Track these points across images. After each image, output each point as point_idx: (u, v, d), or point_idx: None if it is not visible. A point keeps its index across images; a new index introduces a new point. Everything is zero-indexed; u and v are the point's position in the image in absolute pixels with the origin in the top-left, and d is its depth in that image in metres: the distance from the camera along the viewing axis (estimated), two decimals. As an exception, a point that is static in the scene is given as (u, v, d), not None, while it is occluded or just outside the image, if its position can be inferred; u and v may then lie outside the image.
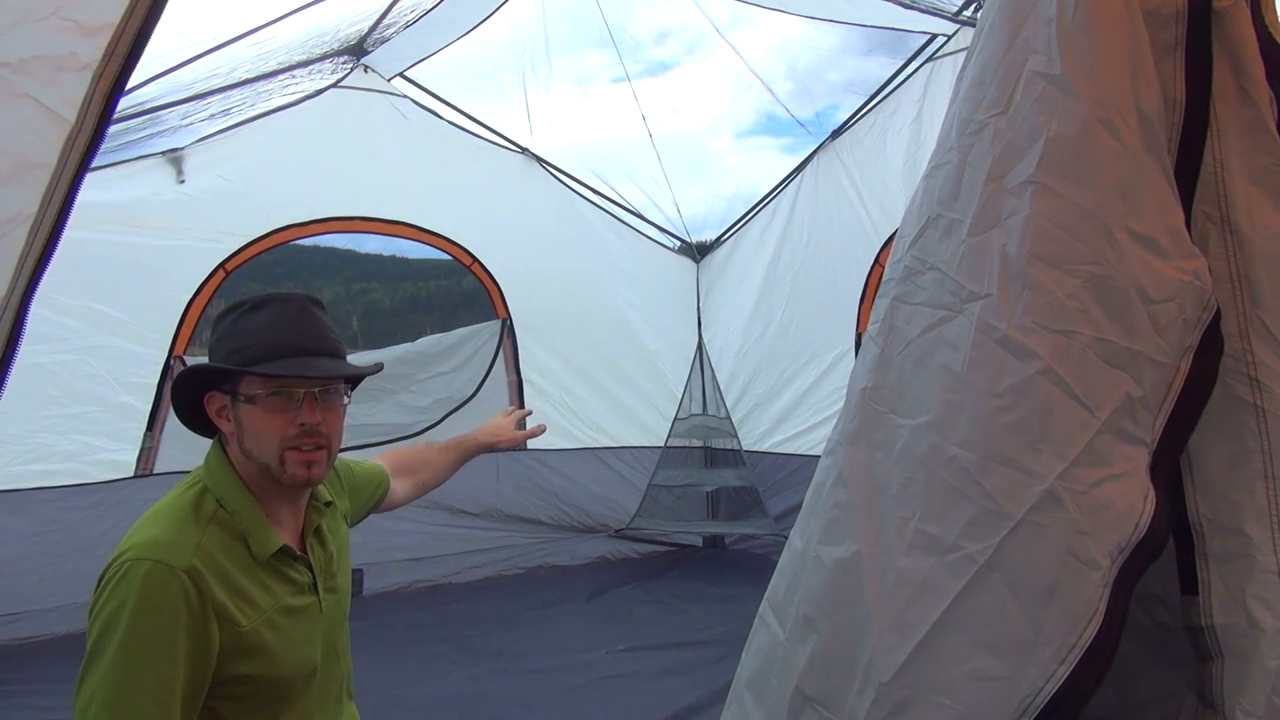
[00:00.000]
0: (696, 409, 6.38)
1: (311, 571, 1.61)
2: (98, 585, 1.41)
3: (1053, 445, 1.15)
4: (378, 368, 1.75)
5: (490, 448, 2.27)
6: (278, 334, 1.52)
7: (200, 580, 1.39)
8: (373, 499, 2.00)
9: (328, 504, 1.74)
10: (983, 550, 1.16)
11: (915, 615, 1.19)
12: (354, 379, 1.66)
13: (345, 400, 1.63)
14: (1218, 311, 1.17)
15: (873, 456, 1.31)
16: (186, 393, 1.57)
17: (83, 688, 1.35)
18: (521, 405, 5.71)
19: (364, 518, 2.00)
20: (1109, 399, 1.15)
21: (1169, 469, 1.18)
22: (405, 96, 5.29)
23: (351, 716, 1.75)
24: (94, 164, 1.28)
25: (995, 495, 1.17)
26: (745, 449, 6.15)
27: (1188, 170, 1.20)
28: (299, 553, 1.60)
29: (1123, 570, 1.12)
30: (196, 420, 1.60)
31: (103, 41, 1.20)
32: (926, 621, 1.18)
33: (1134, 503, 1.13)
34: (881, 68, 5.21)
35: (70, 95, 1.20)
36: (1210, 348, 1.17)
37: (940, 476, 1.21)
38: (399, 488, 2.08)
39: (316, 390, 1.53)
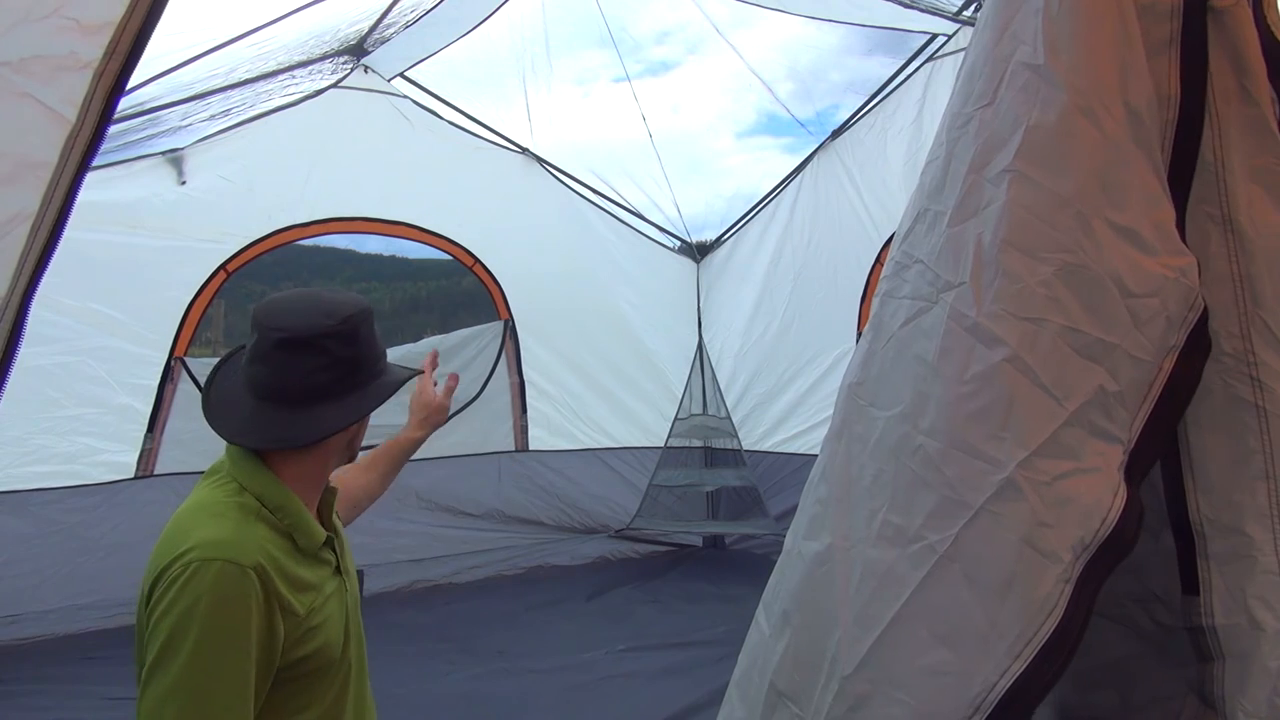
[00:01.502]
0: (697, 409, 6.38)
1: (335, 554, 1.65)
2: (157, 585, 1.39)
3: (1015, 434, 1.13)
4: None
5: (421, 437, 2.21)
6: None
7: (265, 576, 1.40)
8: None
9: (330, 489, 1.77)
10: (942, 540, 1.15)
11: (877, 608, 1.18)
12: None
13: None
14: (1204, 312, 1.15)
15: (850, 450, 1.30)
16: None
17: (152, 688, 1.34)
18: (524, 407, 5.72)
19: None
20: (1079, 390, 1.13)
21: (1146, 469, 1.17)
22: (405, 97, 5.29)
23: (373, 707, 1.76)
24: (94, 164, 1.28)
25: (956, 484, 1.15)
26: (746, 449, 6.15)
27: (1183, 167, 1.19)
28: (330, 536, 1.64)
29: (1088, 567, 1.10)
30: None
31: (103, 40, 1.20)
32: (888, 614, 1.17)
33: (1101, 498, 1.11)
34: (882, 67, 5.22)
35: (71, 94, 1.20)
36: (1196, 349, 1.15)
37: (908, 466, 1.20)
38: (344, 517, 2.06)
39: None
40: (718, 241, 6.56)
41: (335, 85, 4.97)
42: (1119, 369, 1.14)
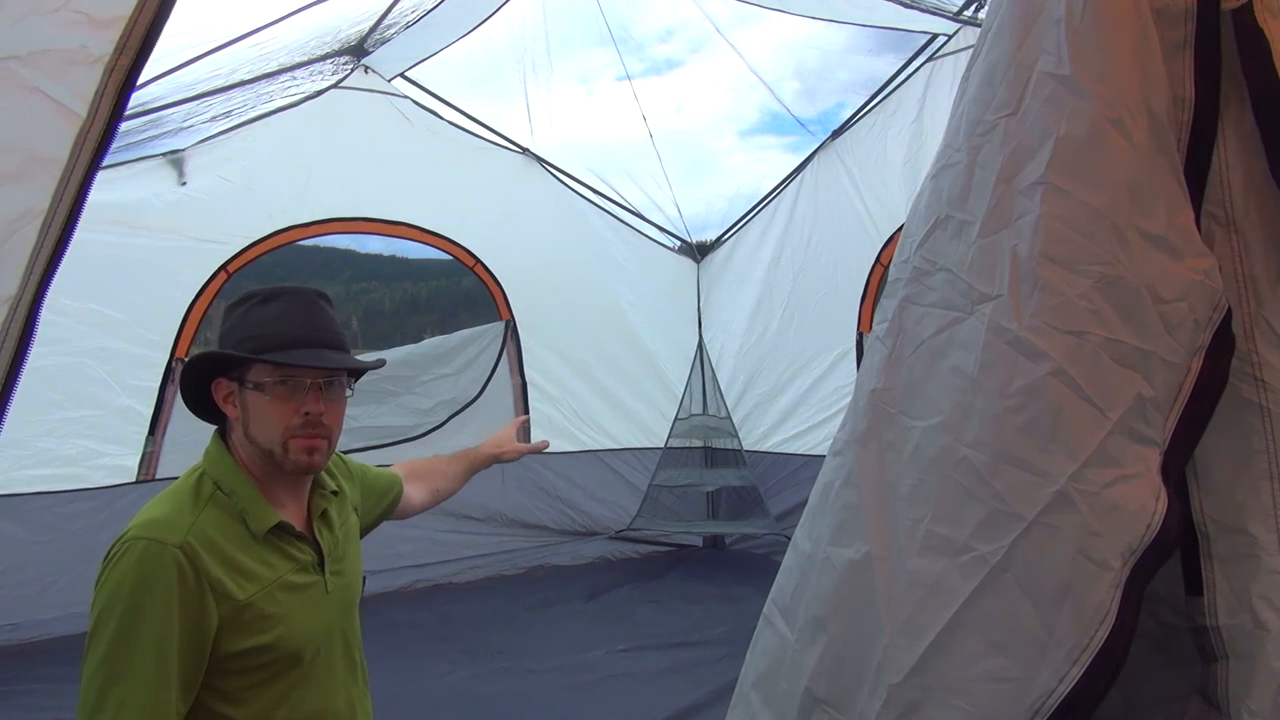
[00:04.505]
0: (697, 409, 6.38)
1: (318, 552, 1.66)
2: (102, 563, 1.48)
3: (1064, 446, 1.15)
4: (380, 363, 1.84)
5: (496, 459, 2.32)
6: (287, 325, 1.59)
7: (194, 555, 1.45)
8: (385, 500, 2.05)
9: (334, 492, 1.77)
10: (994, 551, 1.16)
11: (927, 617, 1.19)
12: (357, 372, 1.71)
13: (348, 393, 1.69)
14: (1229, 311, 1.17)
15: (883, 458, 1.31)
16: (195, 378, 1.62)
17: (87, 662, 1.42)
18: (526, 408, 5.72)
19: (378, 522, 2.04)
20: (1121, 399, 1.14)
21: (1180, 469, 1.18)
22: (406, 97, 5.29)
23: (365, 712, 1.75)
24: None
25: (1006, 496, 1.17)
26: (746, 449, 6.15)
27: (1197, 169, 1.20)
28: (300, 531, 1.64)
29: (1134, 571, 1.12)
30: (202, 406, 1.66)
31: (114, 35, 1.19)
32: (938, 623, 1.18)
33: (1145, 503, 1.13)
34: (889, 66, 5.23)
35: (81, 89, 1.18)
36: (1222, 348, 1.16)
37: (951, 478, 1.21)
38: (414, 493, 2.13)
39: (321, 381, 1.60)
40: (718, 241, 6.56)
41: (335, 85, 4.97)
42: (1154, 375, 1.15)
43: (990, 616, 1.16)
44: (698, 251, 6.58)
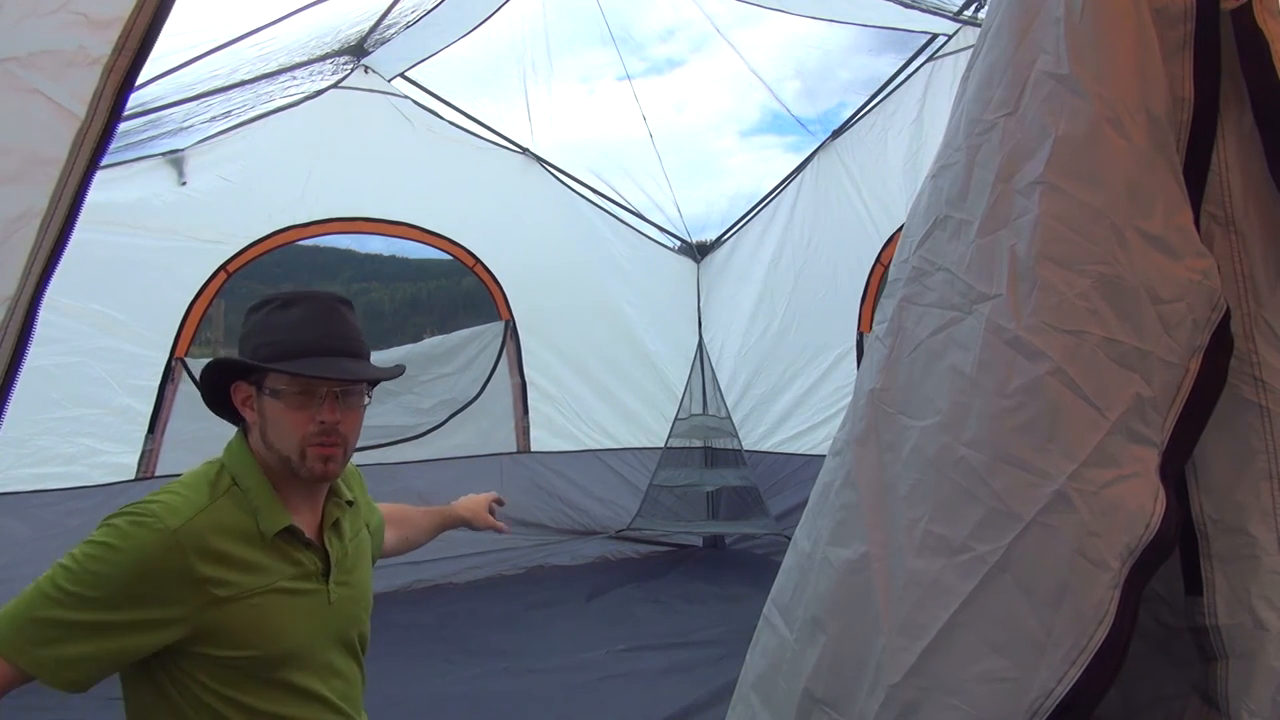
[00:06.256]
0: (697, 409, 6.38)
1: (326, 561, 1.64)
2: (100, 522, 1.52)
3: (1062, 446, 1.15)
4: (399, 370, 1.78)
5: (466, 524, 2.31)
6: (306, 332, 1.57)
7: (180, 547, 1.45)
8: (380, 531, 2.03)
9: (350, 502, 1.76)
10: (993, 551, 1.16)
11: (925, 617, 1.19)
12: (375, 380, 1.69)
13: (365, 401, 1.66)
14: (1227, 311, 1.17)
15: (882, 458, 1.31)
16: (215, 381, 1.62)
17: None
18: (526, 408, 5.73)
19: (375, 557, 2.02)
20: (1119, 399, 1.14)
21: (1178, 469, 1.18)
22: (406, 97, 5.29)
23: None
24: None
25: (1004, 496, 1.17)
26: (746, 449, 6.16)
27: (1196, 169, 1.20)
28: (309, 538, 1.63)
29: (1132, 571, 1.12)
30: (222, 408, 1.66)
31: (112, 36, 1.19)
32: (936, 623, 1.18)
33: (1144, 504, 1.12)
34: (889, 66, 5.23)
35: (80, 90, 1.19)
36: (1220, 348, 1.16)
37: (950, 477, 1.21)
38: (389, 536, 2.11)
39: (338, 390, 1.58)
40: (718, 241, 6.56)
41: (335, 85, 4.97)
42: (1152, 374, 1.15)
43: (988, 616, 1.16)
44: (698, 251, 6.59)
